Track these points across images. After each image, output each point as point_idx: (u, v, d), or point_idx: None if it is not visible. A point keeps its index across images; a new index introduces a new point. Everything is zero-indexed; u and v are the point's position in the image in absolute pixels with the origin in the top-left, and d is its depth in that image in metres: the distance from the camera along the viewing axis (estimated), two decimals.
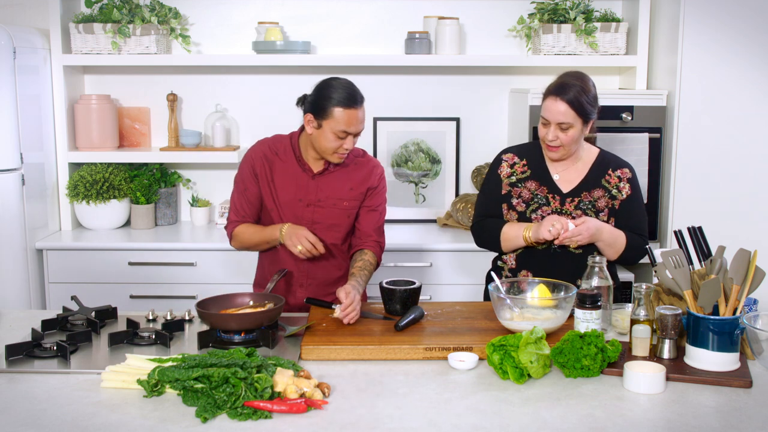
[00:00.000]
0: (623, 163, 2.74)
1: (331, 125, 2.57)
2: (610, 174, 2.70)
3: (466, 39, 4.04)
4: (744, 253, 2.10)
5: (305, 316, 2.58)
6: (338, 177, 2.73)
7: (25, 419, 1.81)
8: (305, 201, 2.72)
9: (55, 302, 3.62)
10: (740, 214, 3.54)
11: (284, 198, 2.72)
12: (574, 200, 2.68)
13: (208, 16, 4.03)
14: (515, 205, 2.71)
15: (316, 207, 2.72)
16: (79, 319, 2.49)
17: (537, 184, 2.71)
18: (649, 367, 2.00)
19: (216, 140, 3.95)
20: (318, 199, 2.72)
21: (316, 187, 2.72)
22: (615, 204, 2.68)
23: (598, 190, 2.68)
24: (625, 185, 2.70)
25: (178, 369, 1.91)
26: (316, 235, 2.63)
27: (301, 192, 2.72)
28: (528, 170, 2.73)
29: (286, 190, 2.72)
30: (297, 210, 2.72)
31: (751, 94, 3.50)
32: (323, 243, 2.63)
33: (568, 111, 2.56)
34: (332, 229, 2.75)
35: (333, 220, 2.74)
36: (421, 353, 2.19)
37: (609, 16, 3.88)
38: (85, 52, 3.80)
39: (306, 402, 1.85)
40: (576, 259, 2.64)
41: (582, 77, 2.63)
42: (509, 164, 2.76)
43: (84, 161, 3.88)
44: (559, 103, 2.57)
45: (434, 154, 4.09)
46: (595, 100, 2.62)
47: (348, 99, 2.56)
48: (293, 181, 2.72)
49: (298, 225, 2.65)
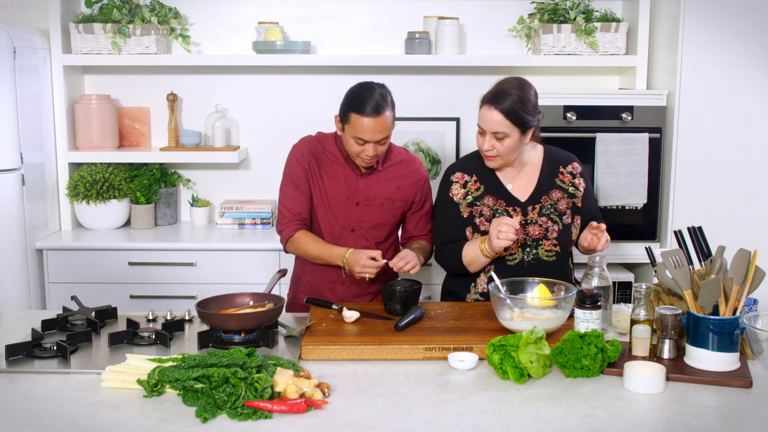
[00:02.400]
0: (570, 157, 2.71)
1: (350, 130, 2.59)
2: (562, 172, 2.67)
3: (466, 39, 4.04)
4: (744, 253, 2.10)
5: (305, 316, 2.58)
6: (385, 176, 2.75)
7: (25, 419, 1.81)
8: (354, 199, 2.73)
9: (55, 302, 3.62)
10: (740, 214, 3.55)
11: (333, 196, 2.73)
12: (535, 207, 2.62)
13: (208, 16, 4.03)
14: (478, 224, 2.63)
15: (365, 206, 2.73)
16: (79, 319, 2.49)
17: (494, 199, 2.64)
18: (649, 367, 2.00)
19: (216, 140, 3.95)
20: (367, 198, 2.73)
21: (365, 186, 2.73)
22: (576, 202, 2.66)
23: (556, 192, 2.64)
24: (579, 180, 2.67)
25: (178, 369, 1.91)
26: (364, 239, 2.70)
27: (350, 190, 2.72)
28: (481, 186, 2.65)
29: (335, 188, 2.72)
30: (345, 208, 2.73)
31: (751, 94, 3.50)
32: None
33: (503, 121, 2.49)
34: (378, 228, 2.77)
35: (380, 219, 2.76)
36: (421, 353, 2.19)
37: (609, 16, 3.88)
38: (85, 52, 3.80)
39: (306, 402, 1.85)
40: (549, 267, 2.61)
41: (521, 85, 2.53)
42: (461, 184, 2.67)
43: (84, 161, 3.88)
44: (494, 113, 2.49)
45: (434, 154, 4.09)
46: (534, 108, 2.53)
47: (366, 107, 2.54)
48: (342, 180, 2.72)
49: (358, 250, 2.62)
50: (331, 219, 2.74)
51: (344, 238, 2.75)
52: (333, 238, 2.75)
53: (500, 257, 2.60)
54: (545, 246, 2.61)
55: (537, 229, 2.61)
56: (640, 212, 3.62)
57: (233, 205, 3.98)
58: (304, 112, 4.02)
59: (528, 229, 2.61)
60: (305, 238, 2.72)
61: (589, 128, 3.58)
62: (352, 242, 2.74)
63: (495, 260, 2.60)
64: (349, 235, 2.75)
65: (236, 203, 4.00)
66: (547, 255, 2.61)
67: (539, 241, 2.61)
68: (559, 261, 2.63)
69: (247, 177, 4.14)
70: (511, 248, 2.59)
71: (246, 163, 4.13)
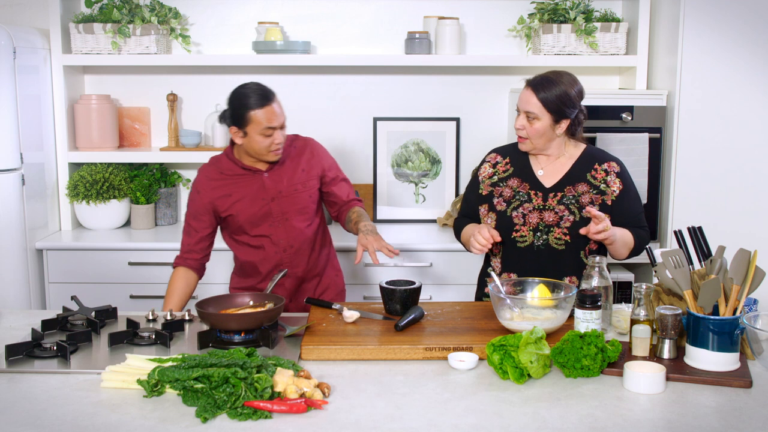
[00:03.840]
0: (610, 157, 2.72)
1: (254, 128, 2.70)
2: (597, 168, 2.68)
3: (466, 39, 4.04)
4: (744, 253, 2.10)
5: (305, 316, 2.58)
6: (286, 165, 2.86)
7: (25, 419, 1.81)
8: (268, 198, 2.82)
9: (55, 302, 3.62)
10: (740, 214, 3.54)
11: (248, 203, 2.82)
12: (557, 195, 2.66)
13: (208, 16, 4.03)
14: (495, 204, 2.70)
15: (279, 198, 2.83)
16: (79, 319, 2.49)
17: (519, 181, 2.70)
18: (649, 367, 2.00)
19: (216, 140, 3.95)
20: (278, 191, 2.83)
21: (271, 183, 2.83)
22: (606, 200, 2.65)
23: (583, 185, 2.66)
24: (614, 179, 2.66)
25: (178, 369, 1.91)
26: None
27: (261, 192, 2.82)
28: (510, 168, 2.73)
29: (247, 197, 2.82)
30: (263, 208, 2.82)
31: (751, 94, 3.50)
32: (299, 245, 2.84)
33: (536, 102, 2.58)
34: (302, 213, 2.87)
35: (300, 204, 2.86)
36: (421, 353, 2.19)
37: (609, 16, 3.88)
38: (85, 52, 3.80)
39: (306, 402, 1.85)
40: (560, 256, 2.64)
41: (566, 78, 2.61)
42: (491, 164, 2.77)
43: (84, 161, 3.89)
44: (530, 93, 2.59)
45: (434, 154, 4.09)
46: (571, 102, 2.58)
47: (260, 99, 2.69)
48: (249, 187, 2.82)
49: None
50: (255, 222, 2.84)
51: (275, 234, 2.85)
52: (265, 237, 2.85)
53: (512, 238, 2.66)
54: (555, 233, 2.63)
55: (552, 216, 2.63)
56: None
57: None
58: (304, 112, 4.01)
59: (544, 214, 2.64)
60: (175, 277, 2.83)
61: (589, 128, 3.57)
62: (283, 233, 2.85)
63: (506, 240, 2.66)
64: (278, 229, 2.85)
65: None
66: (556, 243, 2.63)
67: (551, 228, 2.63)
68: (569, 251, 2.64)
69: None
70: (522, 230, 2.65)
71: None
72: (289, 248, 2.86)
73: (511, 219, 2.66)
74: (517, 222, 2.65)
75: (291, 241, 2.86)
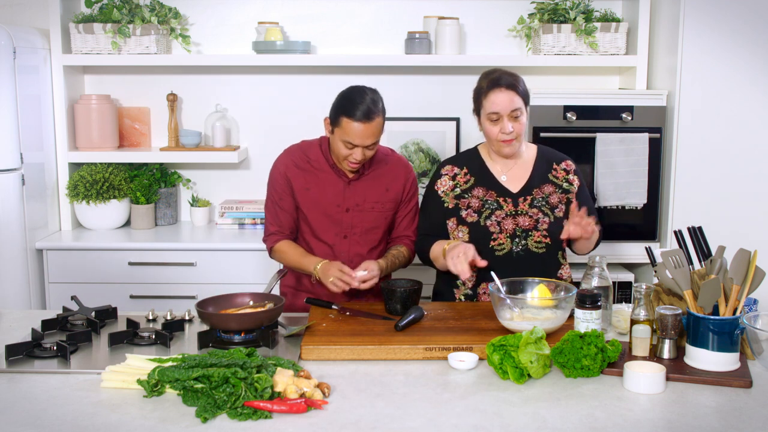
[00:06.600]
0: (563, 156, 2.76)
1: (339, 134, 2.60)
2: (556, 168, 2.71)
3: (466, 39, 4.04)
4: (744, 253, 2.10)
5: (305, 316, 2.58)
6: (373, 179, 2.76)
7: (25, 419, 1.81)
8: (343, 206, 2.73)
9: (55, 302, 3.62)
10: (740, 214, 3.54)
11: (322, 205, 2.73)
12: (527, 198, 2.65)
13: (208, 16, 4.03)
14: (465, 216, 2.65)
15: (355, 212, 2.74)
16: (79, 319, 2.49)
17: (484, 190, 2.67)
18: (649, 367, 2.00)
19: (216, 140, 3.95)
20: (356, 203, 2.74)
21: (353, 192, 2.73)
22: (570, 198, 2.67)
23: (548, 186, 2.67)
24: (573, 177, 2.71)
25: (178, 369, 1.91)
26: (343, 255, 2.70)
27: (339, 198, 2.73)
28: (471, 178, 2.69)
29: (324, 198, 2.73)
30: (336, 216, 2.74)
31: (751, 94, 3.50)
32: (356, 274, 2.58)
33: (516, 97, 2.57)
34: (370, 232, 2.77)
35: (371, 223, 2.76)
36: (421, 353, 2.19)
37: (609, 16, 3.88)
38: (85, 52, 3.80)
39: (306, 402, 1.85)
40: (538, 260, 2.63)
41: (509, 71, 2.64)
42: (450, 176, 2.72)
43: (84, 161, 3.88)
44: (507, 92, 2.56)
45: (434, 154, 4.09)
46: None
47: (357, 112, 2.56)
48: (330, 188, 2.73)
49: (330, 262, 2.60)
50: (322, 228, 2.75)
51: (338, 245, 2.76)
52: (327, 246, 2.76)
53: (489, 248, 2.61)
54: (535, 237, 2.63)
55: (527, 221, 2.63)
56: (640, 212, 3.62)
57: (233, 205, 3.98)
58: (304, 112, 4.01)
59: (518, 220, 2.63)
60: (285, 247, 2.74)
61: (589, 128, 3.58)
62: (346, 248, 2.76)
63: (483, 250, 2.58)
64: (342, 242, 2.76)
65: (236, 203, 4.00)
66: (536, 246, 2.63)
67: (529, 232, 2.63)
68: (548, 253, 2.65)
69: (247, 177, 4.14)
70: (500, 238, 2.62)
71: (246, 163, 4.13)
72: (349, 263, 2.68)
73: (487, 228, 2.63)
74: (494, 230, 2.62)
75: (350, 260, 2.73)
